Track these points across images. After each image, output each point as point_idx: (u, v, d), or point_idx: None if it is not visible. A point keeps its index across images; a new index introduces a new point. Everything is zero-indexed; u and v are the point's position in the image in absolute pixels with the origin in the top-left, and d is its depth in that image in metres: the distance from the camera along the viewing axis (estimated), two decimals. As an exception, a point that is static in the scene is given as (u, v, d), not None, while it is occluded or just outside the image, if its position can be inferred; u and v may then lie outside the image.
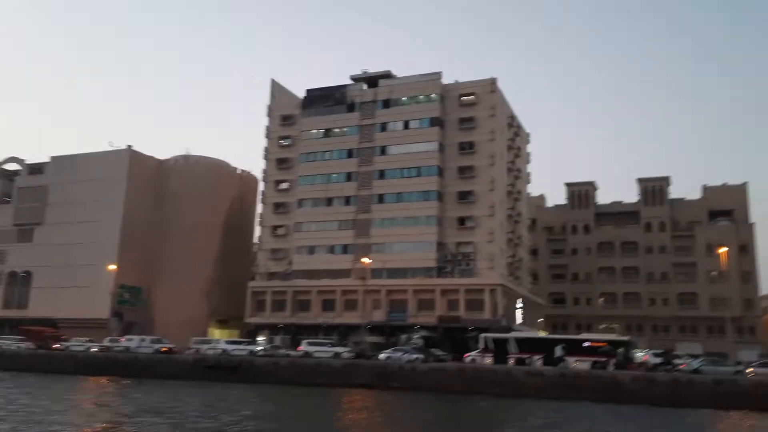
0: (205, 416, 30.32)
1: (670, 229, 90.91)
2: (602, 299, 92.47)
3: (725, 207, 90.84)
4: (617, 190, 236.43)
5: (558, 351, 48.08)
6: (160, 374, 51.46)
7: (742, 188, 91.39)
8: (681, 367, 47.48)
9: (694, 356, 60.19)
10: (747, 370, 50.29)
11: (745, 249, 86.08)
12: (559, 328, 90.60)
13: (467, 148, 75.19)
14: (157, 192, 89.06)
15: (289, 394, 42.01)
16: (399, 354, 53.02)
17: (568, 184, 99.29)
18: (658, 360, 49.96)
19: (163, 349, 58.81)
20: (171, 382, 48.30)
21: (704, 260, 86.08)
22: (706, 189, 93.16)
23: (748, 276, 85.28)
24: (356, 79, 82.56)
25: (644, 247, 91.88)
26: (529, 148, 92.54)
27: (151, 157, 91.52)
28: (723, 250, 62.09)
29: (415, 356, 51.88)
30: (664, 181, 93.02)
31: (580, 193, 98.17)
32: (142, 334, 69.12)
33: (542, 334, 74.69)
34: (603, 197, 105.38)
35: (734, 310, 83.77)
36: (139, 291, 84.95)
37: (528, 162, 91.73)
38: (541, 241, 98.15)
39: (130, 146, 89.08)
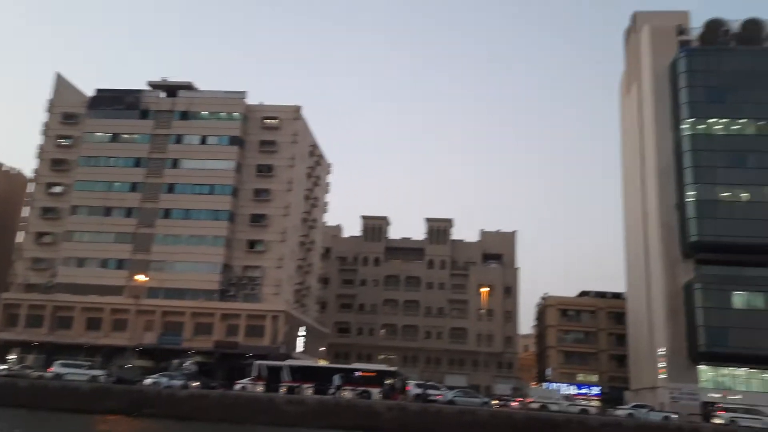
0: None
1: (449, 267, 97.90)
2: (384, 330, 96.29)
3: (497, 251, 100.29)
4: (410, 226, 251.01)
5: (336, 380, 49.03)
6: None
7: (511, 235, 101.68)
8: (437, 397, 50.54)
9: (451, 388, 64.74)
10: (493, 402, 55.26)
11: (509, 291, 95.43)
12: (342, 357, 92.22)
13: (265, 171, 74.46)
14: None
15: (23, 419, 37.24)
16: (165, 379, 49.99)
17: (364, 217, 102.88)
18: (419, 391, 52.75)
19: None
20: None
21: (475, 298, 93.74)
22: (483, 233, 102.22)
23: (510, 315, 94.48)
24: (154, 86, 78.12)
25: (426, 282, 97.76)
26: (330, 178, 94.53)
27: None
28: (484, 290, 68.13)
29: (180, 382, 49.09)
30: (448, 223, 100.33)
31: (374, 227, 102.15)
32: None
33: (323, 363, 75.44)
34: (396, 232, 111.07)
35: (497, 346, 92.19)
36: None
37: (327, 191, 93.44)
38: (333, 270, 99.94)
39: None
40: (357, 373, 51.29)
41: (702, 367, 63.42)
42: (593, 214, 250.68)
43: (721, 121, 69.29)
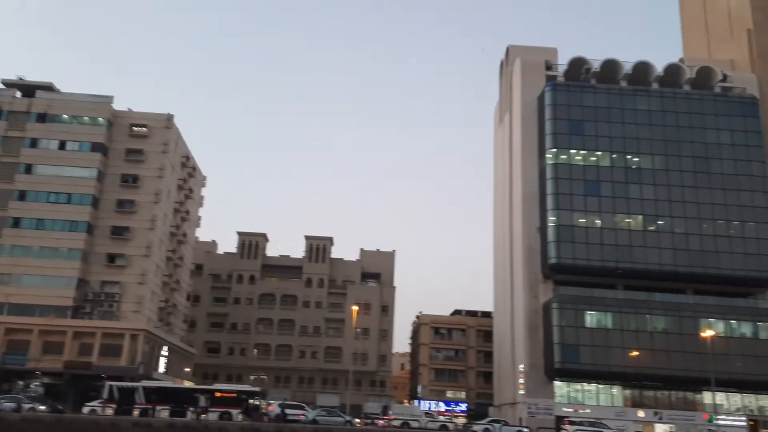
0: None
1: (328, 285, 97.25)
2: (256, 350, 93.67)
3: (376, 270, 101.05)
4: (289, 244, 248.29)
5: (202, 401, 46.63)
6: None
7: (390, 255, 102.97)
8: (300, 417, 49.48)
9: (324, 408, 63.87)
10: (356, 420, 55.02)
11: (386, 309, 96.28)
12: (210, 378, 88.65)
13: (131, 181, 70.56)
14: None
15: None
16: (6, 403, 45.59)
17: (240, 233, 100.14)
18: (280, 411, 51.37)
19: None
20: None
21: (352, 317, 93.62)
22: (363, 252, 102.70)
23: (386, 334, 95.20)
24: (9, 84, 72.07)
25: (303, 301, 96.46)
26: (205, 191, 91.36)
27: None
28: (355, 308, 68.04)
29: (12, 405, 44.72)
30: (328, 241, 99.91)
31: (251, 243, 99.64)
32: None
33: (188, 384, 71.91)
34: (274, 250, 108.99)
35: (371, 364, 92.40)
36: None
37: (201, 205, 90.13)
38: (205, 287, 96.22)
39: None
40: (218, 394, 49.32)
41: (557, 383, 66.78)
42: (469, 236, 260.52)
43: (580, 152, 74.16)
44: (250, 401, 49.29)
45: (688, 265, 69.23)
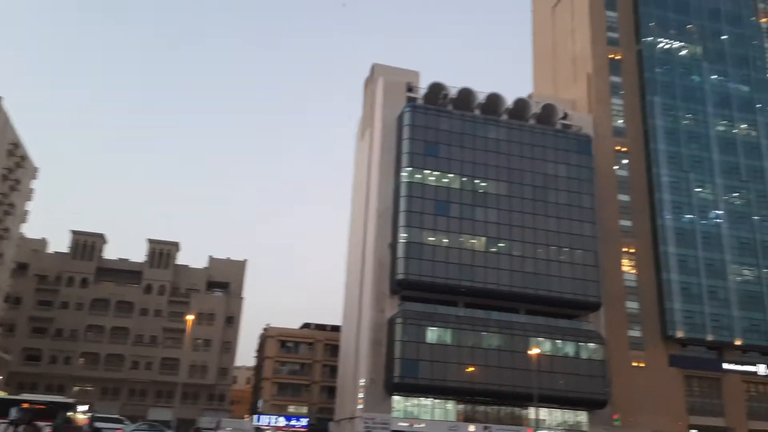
0: None
1: (169, 293, 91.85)
2: (83, 359, 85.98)
3: (224, 279, 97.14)
4: (132, 247, 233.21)
5: (14, 413, 41.13)
6: None
7: (241, 264, 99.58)
8: (118, 431, 45.65)
9: (154, 422, 59.67)
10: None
11: (231, 321, 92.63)
12: (27, 388, 79.77)
13: (-59, 163, 62.26)
14: None
15: None
16: None
17: (75, 232, 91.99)
18: (97, 424, 47.08)
19: None
20: None
21: (194, 327, 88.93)
22: (212, 260, 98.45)
23: (230, 346, 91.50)
24: None
25: (141, 308, 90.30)
26: (36, 184, 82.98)
27: None
28: (190, 317, 64.66)
29: None
30: (174, 246, 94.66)
31: (86, 244, 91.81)
32: None
33: (1, 394, 63.95)
34: (113, 252, 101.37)
35: (210, 378, 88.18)
36: None
37: (29, 199, 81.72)
38: (29, 289, 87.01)
39: None
40: (23, 405, 44.11)
41: (396, 398, 67.62)
42: (327, 248, 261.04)
43: (434, 172, 76.46)
44: (65, 414, 44.78)
45: (522, 286, 73.50)
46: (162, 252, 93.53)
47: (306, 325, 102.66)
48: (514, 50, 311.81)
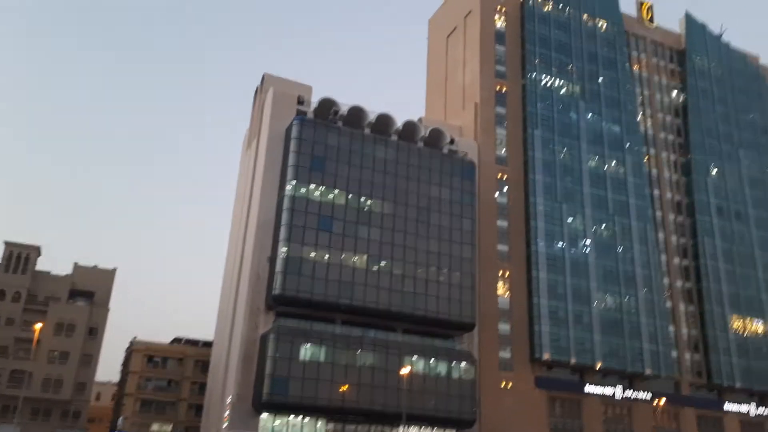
0: None
1: (25, 301, 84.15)
2: None
3: (90, 288, 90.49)
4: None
5: None
6: None
7: (111, 273, 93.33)
8: None
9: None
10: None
11: (94, 332, 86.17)
12: None
13: None
14: None
15: None
16: None
17: None
18: None
19: None
20: None
21: (50, 339, 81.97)
22: (77, 267, 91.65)
23: (90, 359, 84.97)
24: None
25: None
26: None
27: None
28: (38, 326, 59.52)
29: None
30: (34, 251, 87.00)
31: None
32: None
33: None
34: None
35: (66, 393, 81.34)
36: None
37: None
38: None
39: None
40: None
41: (264, 416, 65.34)
42: (204, 260, 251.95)
43: (319, 188, 75.52)
44: None
45: (400, 305, 73.80)
46: (20, 256, 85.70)
47: (177, 340, 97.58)
48: (414, 74, 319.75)
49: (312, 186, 75.21)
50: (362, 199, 77.10)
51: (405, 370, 65.20)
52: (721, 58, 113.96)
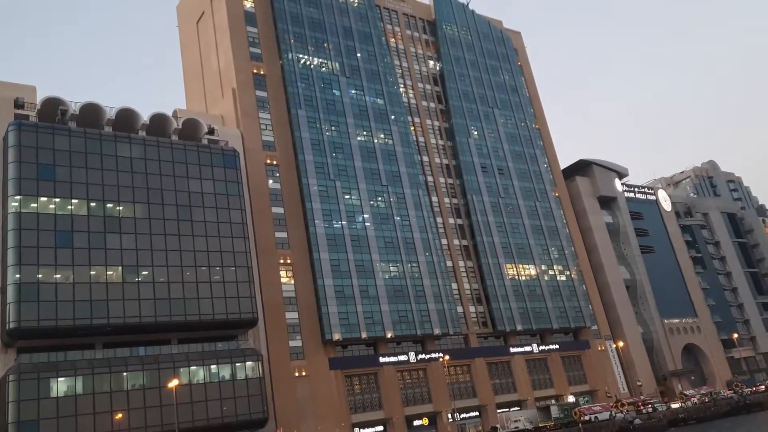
0: None
1: None
2: None
3: None
4: None
5: None
6: None
7: None
8: None
9: None
10: None
11: None
12: None
13: None
14: None
15: None
16: None
17: None
18: None
19: None
20: None
21: None
22: None
23: None
24: None
25: None
26: None
27: None
28: None
29: None
30: None
31: None
32: None
33: None
34: None
35: None
36: None
37: None
38: None
39: None
40: None
41: (9, 471, 55.87)
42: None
43: (52, 200, 65.94)
44: None
45: (169, 314, 67.35)
46: None
47: None
48: (171, 68, 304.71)
49: (43, 199, 65.53)
50: (108, 205, 68.83)
51: (174, 383, 59.41)
52: (468, 26, 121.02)
